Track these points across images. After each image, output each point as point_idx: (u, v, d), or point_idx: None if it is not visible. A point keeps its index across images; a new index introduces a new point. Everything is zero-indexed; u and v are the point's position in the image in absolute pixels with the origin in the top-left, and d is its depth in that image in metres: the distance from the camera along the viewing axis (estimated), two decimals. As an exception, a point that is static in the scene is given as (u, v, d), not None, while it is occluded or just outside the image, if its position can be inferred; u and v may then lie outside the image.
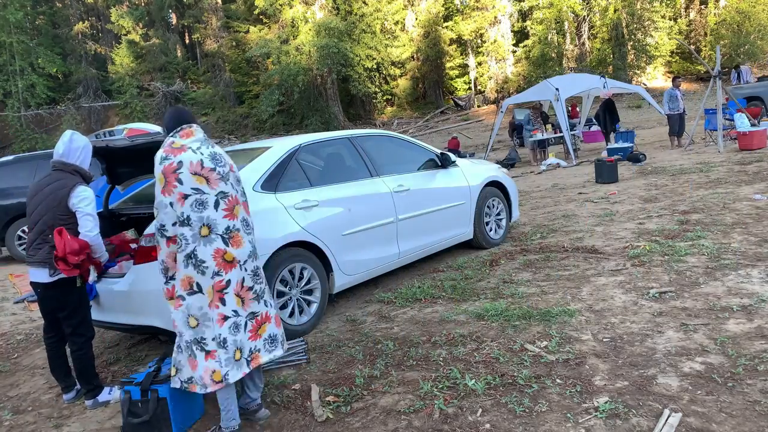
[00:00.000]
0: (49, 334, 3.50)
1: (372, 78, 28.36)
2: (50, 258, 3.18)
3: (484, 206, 5.91)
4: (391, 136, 5.48)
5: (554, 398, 2.78)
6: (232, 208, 2.77)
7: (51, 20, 32.62)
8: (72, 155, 3.34)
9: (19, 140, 27.79)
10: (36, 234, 3.26)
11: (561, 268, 4.95)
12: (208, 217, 2.69)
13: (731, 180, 7.95)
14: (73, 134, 3.38)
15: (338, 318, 4.44)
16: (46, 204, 3.24)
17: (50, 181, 3.30)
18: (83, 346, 3.36)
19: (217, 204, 2.72)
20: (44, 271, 3.25)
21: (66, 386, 3.54)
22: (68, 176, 3.30)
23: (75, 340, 3.35)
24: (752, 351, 3.00)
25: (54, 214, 3.21)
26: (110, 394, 3.47)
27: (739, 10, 26.15)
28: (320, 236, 4.27)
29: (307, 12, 27.42)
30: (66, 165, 3.33)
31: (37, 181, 3.38)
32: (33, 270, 3.29)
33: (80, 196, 3.23)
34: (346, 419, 2.87)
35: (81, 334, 3.36)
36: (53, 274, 3.22)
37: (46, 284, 3.26)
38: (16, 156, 10.06)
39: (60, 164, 3.33)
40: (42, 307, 3.42)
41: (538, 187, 10.34)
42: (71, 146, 3.34)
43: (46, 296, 3.32)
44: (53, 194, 3.23)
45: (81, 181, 3.31)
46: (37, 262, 3.25)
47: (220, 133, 28.66)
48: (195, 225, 2.67)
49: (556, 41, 27.24)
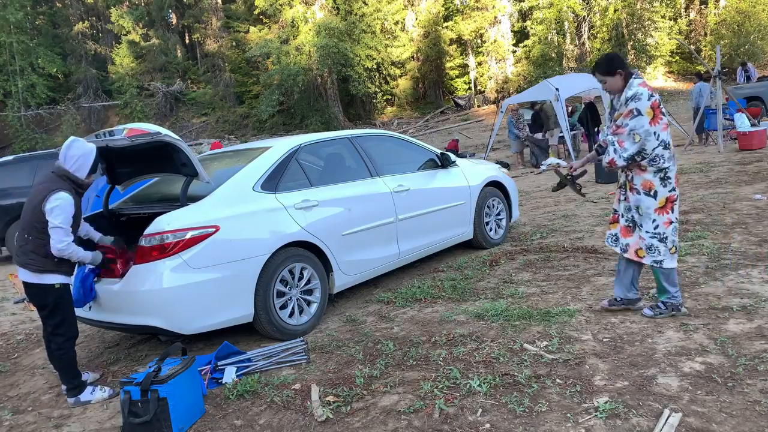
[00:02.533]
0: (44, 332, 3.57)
1: (372, 78, 28.31)
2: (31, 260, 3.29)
3: (484, 206, 5.91)
4: (391, 136, 5.48)
5: (554, 398, 2.78)
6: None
7: (51, 20, 32.60)
8: (68, 162, 3.37)
9: (19, 140, 27.77)
10: (20, 231, 3.38)
11: (561, 268, 4.94)
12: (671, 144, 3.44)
13: (731, 180, 7.95)
14: (75, 141, 3.41)
15: (338, 318, 4.44)
16: (28, 205, 3.35)
17: (38, 184, 3.39)
18: (63, 346, 3.41)
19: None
20: (24, 271, 3.35)
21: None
22: (55, 181, 3.33)
23: (55, 340, 3.42)
24: (752, 351, 3.00)
25: (31, 216, 3.31)
26: (92, 394, 3.50)
27: (739, 10, 26.14)
28: (320, 236, 4.27)
29: (307, 12, 27.39)
30: (60, 170, 3.37)
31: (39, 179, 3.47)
32: (18, 269, 3.40)
33: (52, 204, 3.23)
34: (346, 419, 2.87)
35: (60, 334, 3.41)
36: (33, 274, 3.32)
37: (28, 284, 3.36)
38: (16, 156, 10.05)
39: (56, 168, 3.39)
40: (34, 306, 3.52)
41: (538, 187, 10.34)
42: (68, 153, 3.37)
43: (29, 295, 3.43)
44: (34, 197, 3.32)
45: (61, 187, 3.29)
46: (19, 263, 3.37)
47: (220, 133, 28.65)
48: (670, 149, 3.38)
49: (556, 41, 27.21)
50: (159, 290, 3.56)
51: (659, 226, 3.43)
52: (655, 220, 3.43)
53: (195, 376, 3.16)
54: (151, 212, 4.08)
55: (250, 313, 3.89)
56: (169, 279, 3.57)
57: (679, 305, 3.56)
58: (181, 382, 2.99)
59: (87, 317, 4.00)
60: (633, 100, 3.31)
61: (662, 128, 3.34)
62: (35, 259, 3.31)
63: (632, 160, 3.37)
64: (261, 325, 3.96)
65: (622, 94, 3.41)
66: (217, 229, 3.75)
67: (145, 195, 4.74)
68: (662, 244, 3.45)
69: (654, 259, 3.47)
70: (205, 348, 4.11)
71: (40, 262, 3.30)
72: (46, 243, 3.29)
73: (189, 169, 3.85)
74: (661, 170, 3.38)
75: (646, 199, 3.43)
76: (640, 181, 3.44)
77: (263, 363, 3.62)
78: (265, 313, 3.92)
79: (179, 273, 3.59)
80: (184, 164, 3.85)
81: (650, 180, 3.40)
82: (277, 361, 3.64)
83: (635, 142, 3.32)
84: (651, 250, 3.46)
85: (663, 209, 3.42)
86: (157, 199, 4.54)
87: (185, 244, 3.61)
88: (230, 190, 4.02)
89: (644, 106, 3.29)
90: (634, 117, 3.31)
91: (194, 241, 3.64)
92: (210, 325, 3.75)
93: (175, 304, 3.60)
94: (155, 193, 4.73)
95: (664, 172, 3.39)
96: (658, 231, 3.44)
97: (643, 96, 3.30)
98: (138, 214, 4.39)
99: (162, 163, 4.10)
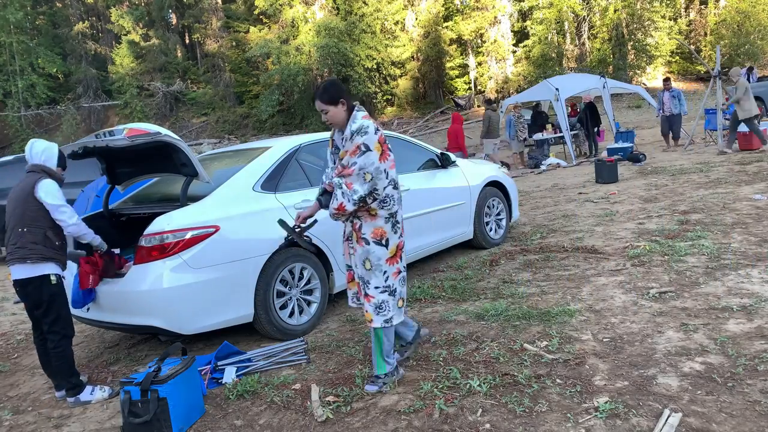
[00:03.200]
0: (35, 333, 3.59)
1: (372, 78, 28.32)
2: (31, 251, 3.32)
3: (484, 206, 5.91)
4: (391, 136, 5.48)
5: (554, 398, 2.78)
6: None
7: (51, 20, 32.61)
8: (35, 158, 3.53)
9: (19, 140, 27.77)
10: (10, 231, 3.39)
11: (561, 268, 4.94)
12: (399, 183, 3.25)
13: (731, 180, 7.95)
14: (33, 141, 3.62)
15: (338, 318, 4.44)
16: (16, 200, 3.41)
17: (21, 182, 3.49)
18: (60, 344, 3.42)
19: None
20: (21, 267, 3.35)
21: (57, 383, 3.58)
22: (34, 174, 3.47)
23: (51, 338, 3.42)
24: (752, 351, 3.00)
25: (24, 208, 3.37)
26: (92, 394, 3.50)
27: (739, 10, 26.14)
28: (320, 236, 4.27)
29: (307, 12, 27.41)
30: (35, 166, 3.51)
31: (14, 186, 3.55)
32: (12, 268, 3.40)
33: (45, 190, 3.38)
34: (346, 419, 2.87)
35: (56, 331, 3.42)
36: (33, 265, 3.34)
37: (22, 281, 3.37)
38: (16, 156, 10.05)
39: (30, 166, 3.53)
40: (25, 306, 3.53)
41: (538, 187, 10.34)
42: (32, 152, 3.55)
43: (23, 294, 3.43)
44: (22, 191, 3.41)
45: (42, 177, 3.44)
46: (12, 260, 3.37)
47: (220, 133, 28.66)
48: (399, 189, 3.09)
49: (556, 41, 27.22)
50: (159, 290, 3.56)
51: (389, 278, 3.06)
52: (386, 271, 3.05)
53: (195, 376, 3.16)
54: (151, 212, 4.08)
55: (250, 313, 3.89)
56: (169, 279, 3.57)
57: (396, 369, 3.21)
58: (181, 382, 2.99)
59: (87, 317, 4.00)
60: (359, 134, 2.92)
61: (390, 165, 3.00)
62: (34, 248, 3.33)
63: (363, 202, 2.95)
64: (261, 325, 3.96)
65: (346, 128, 3.01)
66: (217, 229, 3.75)
67: (145, 195, 4.74)
68: (392, 298, 3.07)
69: (384, 318, 3.06)
70: (205, 348, 4.11)
71: (40, 250, 3.34)
72: (44, 229, 3.37)
73: (189, 169, 3.85)
74: (392, 214, 3.05)
75: (377, 249, 3.02)
76: (371, 229, 3.02)
77: (263, 363, 3.62)
78: (265, 313, 3.92)
79: (179, 273, 3.59)
80: (184, 164, 3.85)
81: (381, 227, 3.02)
82: (277, 361, 3.64)
83: (366, 181, 2.91)
84: (381, 308, 3.05)
85: (393, 258, 3.06)
86: (157, 199, 4.54)
87: (185, 244, 3.62)
88: (230, 190, 4.02)
89: (372, 141, 2.92)
90: (363, 153, 2.91)
91: (194, 241, 3.65)
92: (210, 325, 3.75)
93: (175, 304, 3.60)
94: (155, 193, 4.73)
95: (395, 216, 3.06)
96: (388, 284, 3.06)
97: (369, 129, 2.93)
98: (138, 214, 4.39)
99: (162, 163, 4.11)
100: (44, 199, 3.37)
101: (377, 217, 3.02)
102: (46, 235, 3.38)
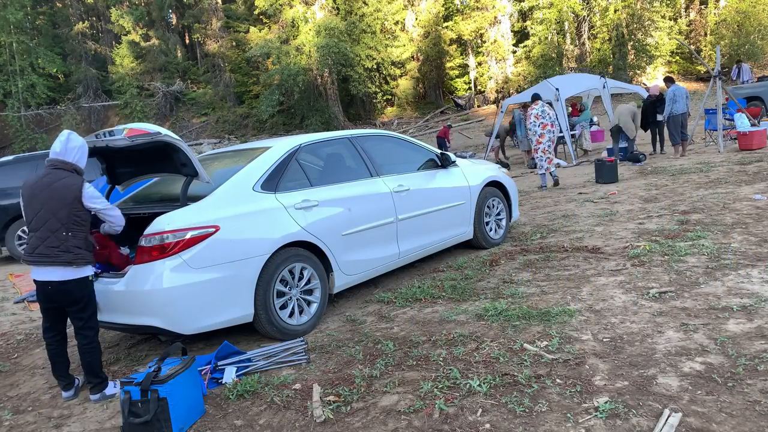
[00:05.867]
0: (51, 333, 3.52)
1: (372, 78, 28.32)
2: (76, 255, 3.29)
3: (484, 206, 5.91)
4: (391, 136, 5.48)
5: (554, 398, 2.78)
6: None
7: (51, 20, 32.60)
8: (69, 154, 3.41)
9: (19, 140, 27.79)
10: (47, 232, 3.28)
11: (561, 268, 4.95)
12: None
13: (731, 180, 7.95)
14: (71, 134, 3.46)
15: (338, 318, 4.44)
16: (57, 202, 3.28)
17: (53, 180, 3.32)
18: (93, 339, 3.46)
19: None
20: (62, 269, 3.29)
21: (66, 384, 3.57)
22: (70, 175, 3.37)
23: (86, 334, 3.43)
24: (752, 351, 3.00)
25: (68, 212, 3.30)
26: (116, 387, 3.55)
27: (739, 10, 26.12)
28: (320, 236, 4.27)
29: (307, 12, 27.38)
30: (66, 164, 3.39)
31: (33, 181, 3.37)
32: (45, 269, 3.30)
33: (90, 194, 3.39)
34: (346, 419, 2.87)
35: (91, 327, 3.46)
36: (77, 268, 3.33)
37: (62, 281, 3.32)
38: (16, 156, 10.06)
39: (59, 162, 3.38)
40: (49, 306, 3.43)
41: (539, 186, 10.34)
42: (68, 145, 3.40)
43: (59, 292, 3.34)
44: (63, 192, 3.29)
45: (81, 180, 3.41)
46: (51, 263, 3.27)
47: (220, 133, 28.65)
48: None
49: (557, 41, 27.21)
50: (159, 290, 3.56)
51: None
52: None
53: (195, 376, 3.16)
54: (151, 212, 4.08)
55: (250, 313, 3.89)
56: (169, 279, 3.57)
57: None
58: (181, 382, 2.99)
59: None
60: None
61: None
62: (79, 252, 3.33)
63: None
64: (261, 325, 3.96)
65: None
66: (217, 229, 3.75)
67: (145, 195, 4.74)
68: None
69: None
70: (205, 348, 4.11)
71: (84, 254, 3.36)
72: (86, 233, 3.40)
73: (189, 169, 3.85)
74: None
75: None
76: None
77: (263, 363, 3.62)
78: (265, 313, 3.92)
79: (179, 273, 3.59)
80: (184, 164, 3.85)
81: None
82: (277, 361, 3.64)
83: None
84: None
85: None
86: (157, 199, 4.54)
87: (185, 244, 3.62)
88: (230, 190, 4.02)
89: None
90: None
91: (194, 241, 3.65)
92: (210, 325, 3.75)
93: (175, 304, 3.60)
94: (155, 193, 4.73)
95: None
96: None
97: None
98: (138, 214, 4.39)
99: (162, 163, 4.11)
100: (93, 206, 3.40)
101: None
102: (87, 238, 3.41)
